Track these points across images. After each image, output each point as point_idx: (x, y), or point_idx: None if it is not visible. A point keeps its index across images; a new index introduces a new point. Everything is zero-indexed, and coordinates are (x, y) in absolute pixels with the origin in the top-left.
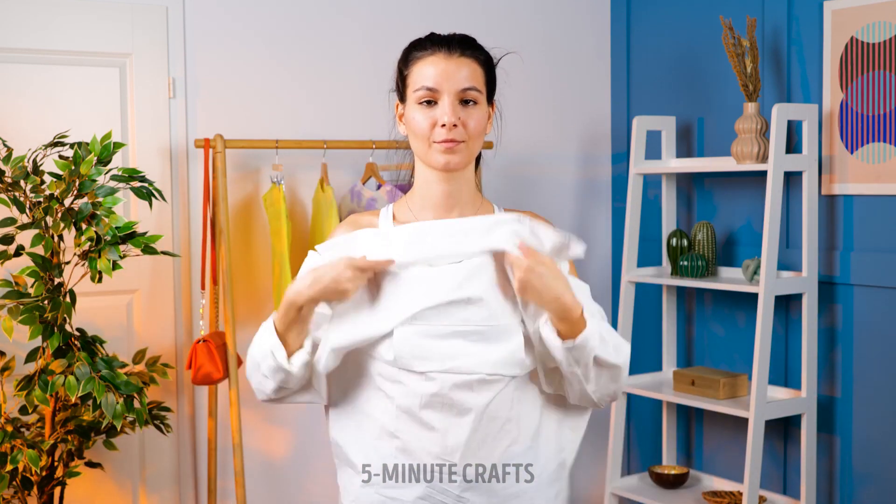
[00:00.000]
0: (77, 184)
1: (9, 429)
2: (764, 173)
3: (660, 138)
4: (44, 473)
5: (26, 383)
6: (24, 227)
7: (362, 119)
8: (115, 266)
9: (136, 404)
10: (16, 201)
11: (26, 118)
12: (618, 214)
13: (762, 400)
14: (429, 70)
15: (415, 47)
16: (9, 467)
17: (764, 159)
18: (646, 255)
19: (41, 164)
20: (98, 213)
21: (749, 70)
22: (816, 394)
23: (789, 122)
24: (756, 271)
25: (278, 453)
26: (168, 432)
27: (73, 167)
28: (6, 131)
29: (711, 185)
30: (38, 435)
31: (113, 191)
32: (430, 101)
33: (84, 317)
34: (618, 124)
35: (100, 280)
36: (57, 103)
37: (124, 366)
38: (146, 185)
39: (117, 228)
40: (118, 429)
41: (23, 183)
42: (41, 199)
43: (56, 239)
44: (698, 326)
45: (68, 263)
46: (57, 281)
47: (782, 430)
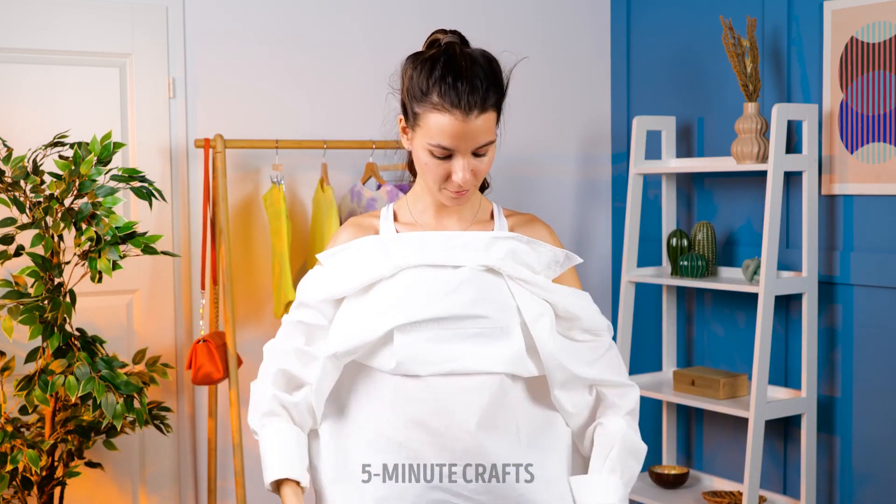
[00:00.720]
0: (77, 184)
1: (9, 429)
2: (764, 173)
3: (660, 138)
4: (44, 473)
5: (26, 383)
6: (24, 227)
7: (362, 119)
8: (115, 266)
9: (136, 404)
10: (16, 201)
11: (26, 118)
12: (618, 214)
13: (762, 400)
14: (446, 129)
15: (430, 89)
16: (9, 467)
17: (764, 159)
18: (646, 255)
19: (41, 164)
20: (98, 213)
21: (749, 70)
22: (816, 394)
23: (789, 122)
24: (756, 271)
25: None
26: (168, 432)
27: (73, 167)
28: (6, 131)
29: (711, 185)
30: (38, 435)
31: (113, 191)
32: (445, 156)
33: (84, 317)
34: (618, 124)
35: (100, 280)
36: (57, 103)
37: (124, 366)
38: (146, 185)
39: (117, 228)
40: (118, 429)
41: (23, 183)
42: (41, 199)
43: (56, 239)
44: (698, 326)
45: (68, 263)
46: (57, 281)
47: (782, 430)
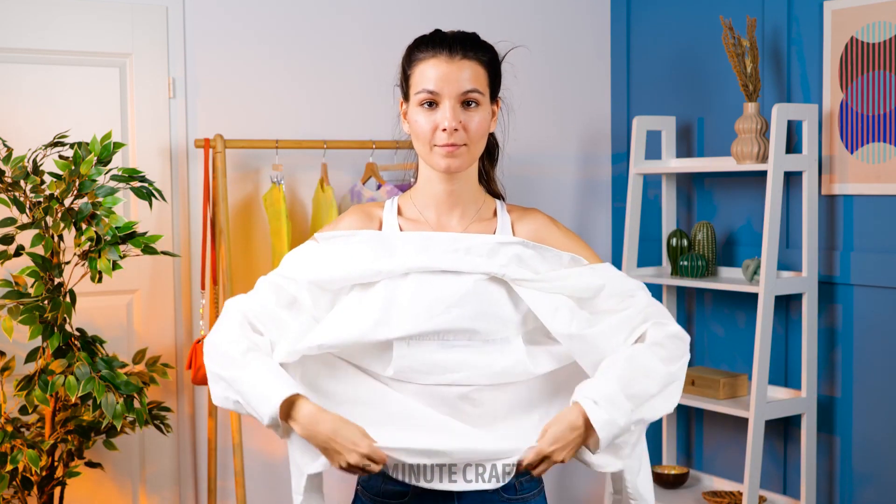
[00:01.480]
0: (77, 184)
1: (9, 429)
2: (764, 173)
3: (660, 138)
4: (44, 473)
5: (26, 383)
6: (24, 227)
7: (362, 119)
8: (115, 266)
9: (136, 404)
10: (16, 201)
11: (26, 118)
12: (618, 214)
13: (762, 400)
14: (430, 72)
15: (418, 46)
16: (9, 467)
17: (764, 159)
18: (646, 255)
19: (41, 164)
20: (98, 213)
21: (749, 70)
22: (816, 394)
23: (789, 122)
24: (756, 271)
25: (278, 453)
26: (168, 432)
27: (73, 167)
28: (6, 131)
29: (711, 185)
30: (38, 435)
31: (113, 191)
32: (432, 104)
33: (84, 317)
34: (618, 124)
35: (100, 280)
36: (57, 103)
37: (124, 366)
38: (146, 185)
39: (117, 228)
40: (118, 429)
41: (23, 183)
42: (41, 199)
43: (56, 239)
44: (698, 326)
45: (68, 263)
46: (57, 281)
47: (782, 430)
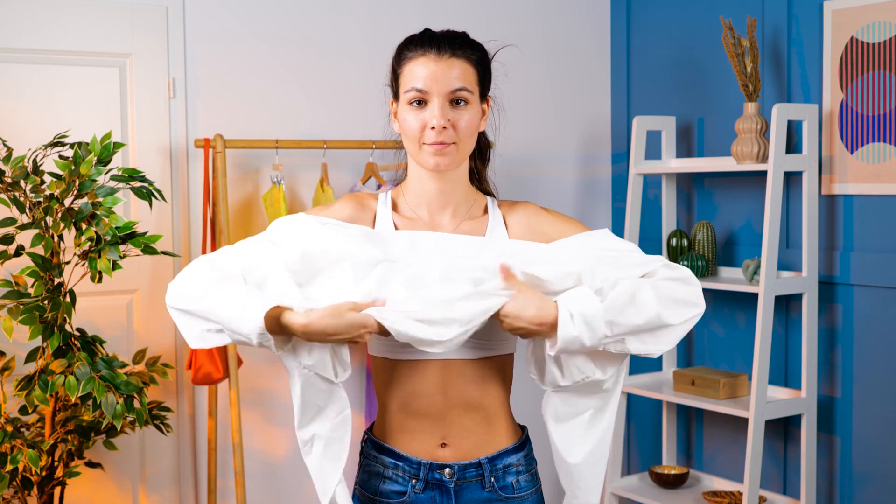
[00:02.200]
0: (77, 184)
1: (9, 429)
2: (764, 173)
3: (660, 138)
4: (44, 473)
5: (26, 383)
6: (24, 227)
7: (362, 119)
8: (115, 266)
9: (136, 404)
10: (16, 201)
11: (26, 118)
12: (618, 214)
13: (762, 400)
14: (419, 71)
15: (406, 46)
16: (9, 467)
17: (764, 159)
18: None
19: (41, 164)
20: (98, 213)
21: (749, 70)
22: (816, 394)
23: (789, 122)
24: (756, 271)
25: (278, 453)
26: (168, 432)
27: (73, 167)
28: (6, 131)
29: (711, 185)
30: (38, 435)
31: (113, 191)
32: (421, 102)
33: (84, 317)
34: (618, 124)
35: (100, 280)
36: (57, 103)
37: (124, 366)
38: (146, 185)
39: (117, 228)
40: (118, 429)
41: (23, 183)
42: (41, 199)
43: (56, 239)
44: (698, 326)
45: (68, 263)
46: (57, 281)
47: (782, 430)
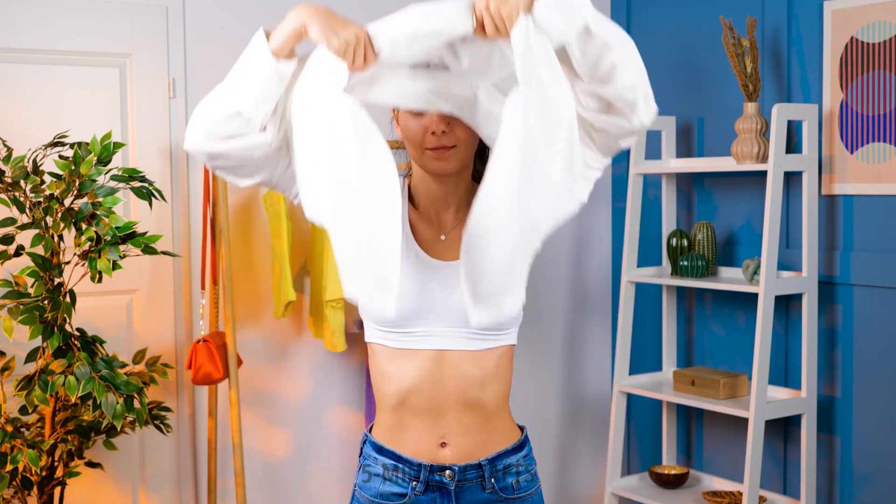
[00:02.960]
0: (77, 184)
1: (9, 429)
2: (764, 173)
3: (660, 138)
4: (44, 473)
5: (26, 383)
6: (24, 227)
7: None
8: (115, 266)
9: (136, 404)
10: (16, 201)
11: (26, 118)
12: (618, 214)
13: (762, 400)
14: None
15: None
16: (9, 467)
17: (764, 159)
18: (646, 255)
19: (41, 164)
20: (98, 213)
21: (749, 70)
22: (816, 394)
23: (789, 122)
24: (756, 271)
25: (278, 453)
26: (168, 432)
27: (73, 167)
28: (6, 131)
29: (711, 185)
30: (38, 435)
31: (113, 191)
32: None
33: (84, 317)
34: None
35: (100, 280)
36: (57, 103)
37: (124, 366)
38: (146, 185)
39: (117, 228)
40: (118, 429)
41: (23, 183)
42: (41, 199)
43: (56, 239)
44: (698, 326)
45: (68, 263)
46: (57, 281)
47: (782, 430)
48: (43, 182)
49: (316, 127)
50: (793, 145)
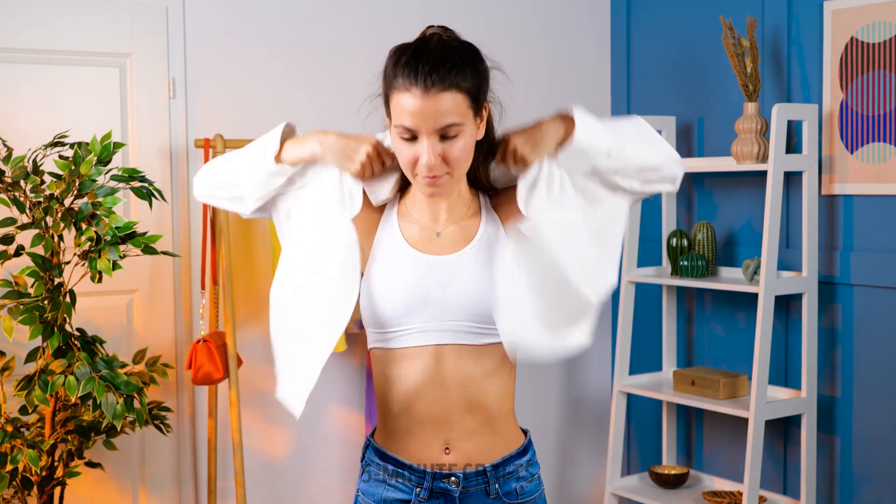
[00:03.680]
0: (77, 184)
1: (9, 429)
2: (764, 173)
3: None
4: (44, 473)
5: (26, 383)
6: (24, 227)
7: (362, 119)
8: (115, 266)
9: (136, 404)
10: (16, 201)
11: (26, 118)
12: None
13: (762, 400)
14: (407, 106)
15: (396, 66)
16: (9, 467)
17: (764, 159)
18: (646, 255)
19: (41, 164)
20: (98, 213)
21: (749, 70)
22: (816, 394)
23: (789, 122)
24: (756, 271)
25: (278, 453)
26: (168, 432)
27: (73, 167)
28: (6, 131)
29: (711, 185)
30: (38, 435)
31: (113, 191)
32: (411, 137)
33: (84, 317)
34: None
35: (100, 280)
36: (57, 103)
37: (124, 366)
38: (146, 185)
39: (117, 228)
40: (118, 429)
41: (23, 183)
42: (41, 199)
43: (56, 239)
44: (698, 326)
45: (68, 263)
46: (57, 281)
47: (782, 430)
48: (43, 182)
49: (313, 234)
50: (793, 145)
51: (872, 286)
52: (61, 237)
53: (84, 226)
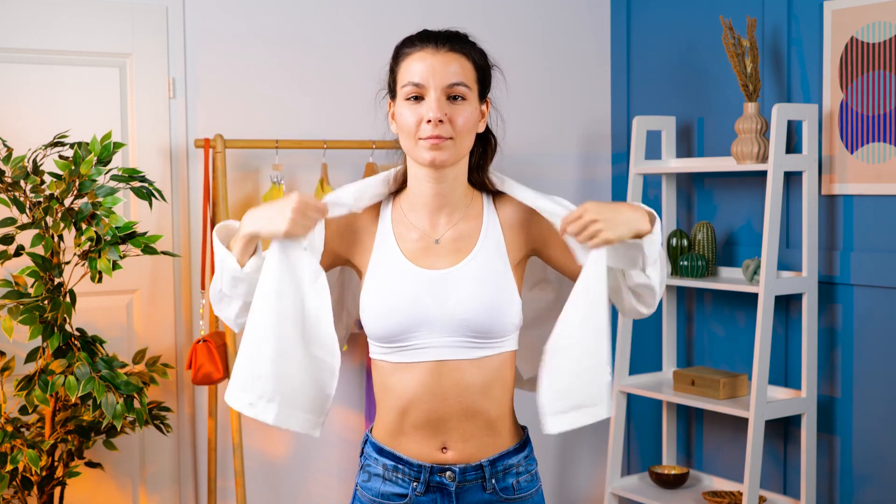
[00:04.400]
0: (77, 184)
1: (9, 429)
2: (764, 173)
3: (660, 138)
4: (44, 473)
5: (26, 383)
6: (24, 227)
7: (362, 119)
8: (115, 266)
9: (136, 404)
10: (16, 201)
11: (26, 118)
12: None
13: (762, 400)
14: (416, 66)
15: (404, 44)
16: (9, 467)
17: (764, 159)
18: None
19: (41, 164)
20: (98, 213)
21: (749, 70)
22: (816, 394)
23: (789, 122)
24: (756, 271)
25: (278, 453)
26: (168, 432)
27: (73, 167)
28: (6, 131)
29: (711, 185)
30: (38, 435)
31: (113, 191)
32: (418, 98)
33: (84, 317)
34: (618, 124)
35: (100, 280)
36: (57, 103)
37: (124, 366)
38: (146, 185)
39: (117, 228)
40: (118, 429)
41: (23, 183)
42: (41, 199)
43: (56, 239)
44: (698, 326)
45: (68, 263)
46: (57, 281)
47: (782, 430)
48: (43, 182)
49: (280, 269)
50: (793, 145)
51: (872, 286)
52: (61, 237)
53: (84, 226)
